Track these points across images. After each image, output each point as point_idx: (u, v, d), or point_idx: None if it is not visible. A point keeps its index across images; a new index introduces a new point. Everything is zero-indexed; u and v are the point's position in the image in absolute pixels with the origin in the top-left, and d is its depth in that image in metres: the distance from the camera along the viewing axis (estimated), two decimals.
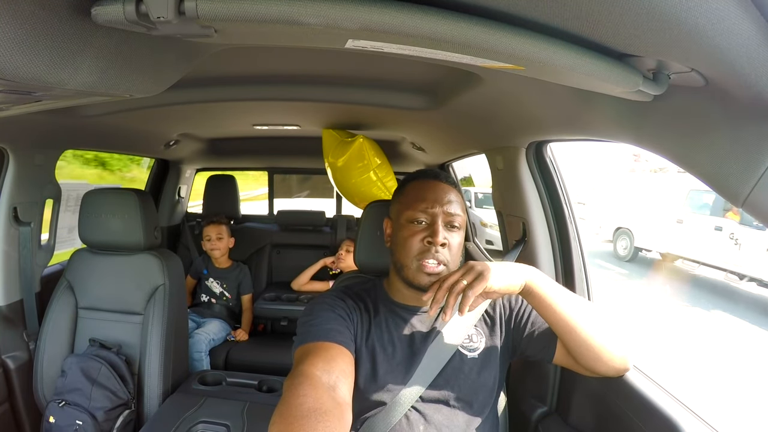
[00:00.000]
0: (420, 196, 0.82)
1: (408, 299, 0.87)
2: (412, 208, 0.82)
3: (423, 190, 0.83)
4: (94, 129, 1.50)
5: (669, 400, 0.79)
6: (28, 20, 0.41)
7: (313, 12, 0.41)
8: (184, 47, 0.66)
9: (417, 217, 0.81)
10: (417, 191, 0.84)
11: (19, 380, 1.39)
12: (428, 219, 0.81)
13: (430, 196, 0.82)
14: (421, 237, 0.80)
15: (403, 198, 0.86)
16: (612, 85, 0.53)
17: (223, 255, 2.26)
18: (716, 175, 0.54)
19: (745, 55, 0.40)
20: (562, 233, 1.14)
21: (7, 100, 0.61)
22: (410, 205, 0.82)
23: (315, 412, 0.57)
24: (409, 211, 0.82)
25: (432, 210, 0.80)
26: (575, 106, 0.81)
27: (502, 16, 0.45)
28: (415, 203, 0.82)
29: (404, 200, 0.85)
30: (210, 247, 2.23)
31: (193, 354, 1.90)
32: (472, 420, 0.82)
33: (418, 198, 0.82)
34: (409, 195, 0.85)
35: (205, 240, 2.25)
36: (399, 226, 0.84)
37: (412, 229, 0.81)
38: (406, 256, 0.81)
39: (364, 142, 1.73)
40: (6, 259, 1.40)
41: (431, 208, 0.80)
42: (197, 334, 1.99)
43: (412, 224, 0.81)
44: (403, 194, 0.87)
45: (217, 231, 2.23)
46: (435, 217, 0.80)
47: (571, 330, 0.76)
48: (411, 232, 0.81)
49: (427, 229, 0.80)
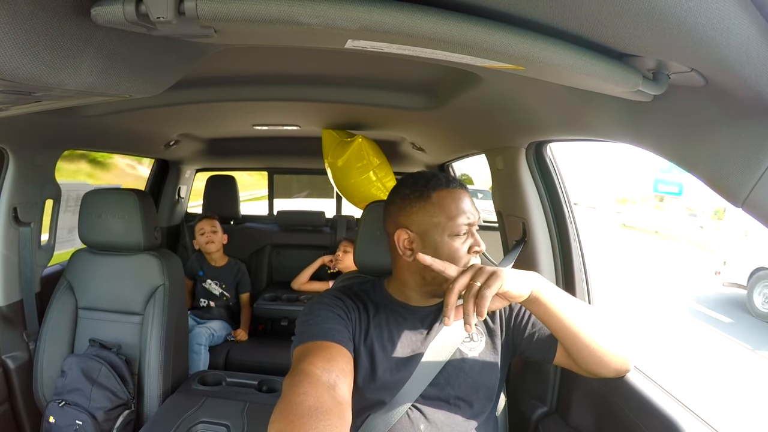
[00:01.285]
0: (460, 209, 0.81)
1: (412, 300, 0.87)
2: (457, 222, 0.79)
3: (458, 201, 0.81)
4: (94, 129, 1.50)
5: (669, 400, 0.79)
6: (28, 20, 0.41)
7: (312, 12, 0.41)
8: (184, 47, 0.66)
9: (462, 231, 0.80)
10: (454, 203, 0.81)
11: (19, 380, 1.39)
12: (467, 230, 0.81)
13: (466, 209, 0.81)
14: (467, 248, 0.80)
15: (437, 210, 0.81)
16: (612, 85, 0.53)
17: (218, 250, 2.22)
18: (716, 175, 0.54)
19: (745, 55, 0.40)
20: (562, 233, 1.14)
21: (7, 100, 0.61)
22: (453, 218, 0.80)
23: (315, 410, 0.57)
24: (454, 226, 0.79)
25: (471, 221, 0.81)
26: (575, 107, 0.81)
27: (502, 16, 0.45)
28: (458, 217, 0.80)
29: (440, 212, 0.80)
30: (206, 240, 2.18)
31: (192, 346, 1.88)
32: (473, 419, 0.82)
33: (460, 211, 0.80)
34: (448, 207, 0.80)
35: (199, 234, 2.20)
36: (439, 241, 0.80)
37: (458, 243, 0.80)
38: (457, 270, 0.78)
39: (363, 142, 1.73)
40: (6, 260, 1.40)
41: (471, 219, 0.81)
42: (198, 327, 2.00)
43: (458, 237, 0.80)
44: (434, 205, 0.81)
45: (211, 224, 2.21)
46: (472, 228, 0.81)
47: (573, 336, 0.75)
48: (458, 245, 0.80)
49: (469, 238, 0.81)
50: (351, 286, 0.92)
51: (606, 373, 0.79)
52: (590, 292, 1.11)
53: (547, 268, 1.15)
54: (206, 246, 2.19)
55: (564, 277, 1.14)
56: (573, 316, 0.74)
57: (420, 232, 0.81)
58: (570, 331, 0.75)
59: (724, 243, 5.64)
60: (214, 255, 2.23)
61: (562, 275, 1.14)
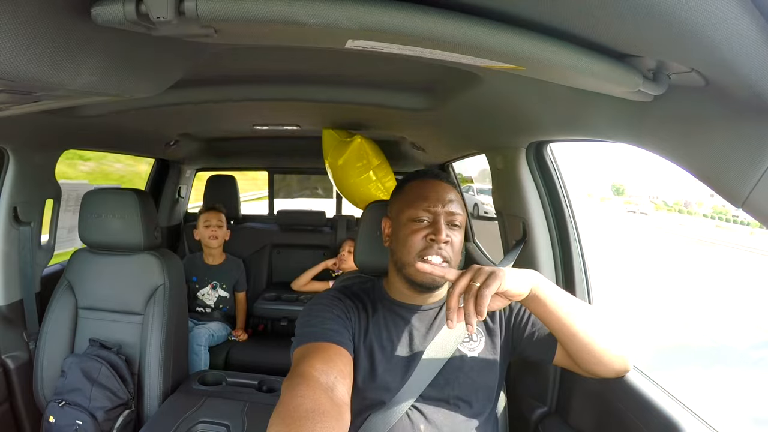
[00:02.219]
0: (422, 195, 0.82)
1: (408, 298, 0.87)
2: (414, 207, 0.81)
3: (424, 189, 0.83)
4: (94, 129, 1.50)
5: (669, 400, 0.79)
6: (29, 21, 0.41)
7: (313, 12, 0.41)
8: (184, 47, 0.66)
9: (419, 216, 0.81)
10: (418, 190, 0.84)
11: (19, 380, 1.39)
12: (430, 217, 0.81)
13: (432, 195, 0.82)
14: (424, 234, 0.80)
15: (403, 197, 0.86)
16: (612, 85, 0.53)
17: (219, 246, 2.16)
18: (716, 175, 0.54)
19: (745, 55, 0.39)
20: (562, 233, 1.14)
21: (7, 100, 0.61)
22: (412, 203, 0.82)
23: (313, 412, 0.57)
24: (411, 210, 0.82)
25: (434, 208, 0.81)
26: (575, 107, 0.81)
27: (502, 16, 0.45)
28: (417, 202, 0.82)
29: (405, 199, 0.85)
30: (210, 234, 2.10)
31: (193, 346, 1.86)
32: (473, 419, 0.82)
33: (420, 197, 0.82)
34: (410, 194, 0.85)
35: (204, 226, 2.11)
36: (400, 224, 0.84)
37: (414, 227, 0.81)
38: (408, 253, 0.80)
39: (363, 142, 1.73)
40: (6, 259, 1.40)
41: (433, 207, 0.81)
42: (197, 327, 1.97)
43: (414, 222, 0.81)
44: (404, 193, 0.86)
45: (218, 218, 2.15)
46: (437, 216, 0.80)
47: (572, 336, 0.75)
48: (413, 229, 0.81)
49: (430, 227, 0.80)
50: (350, 286, 0.92)
51: (605, 372, 0.79)
52: (590, 292, 1.11)
53: (547, 268, 1.15)
54: (209, 240, 2.12)
55: (564, 277, 1.14)
56: (572, 314, 0.74)
57: (393, 218, 0.87)
58: (569, 330, 0.75)
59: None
60: (214, 251, 2.16)
61: (562, 275, 1.14)
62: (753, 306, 6.91)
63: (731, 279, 8.49)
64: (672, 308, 6.46)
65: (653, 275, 7.75)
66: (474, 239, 2.25)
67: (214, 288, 2.15)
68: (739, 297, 7.28)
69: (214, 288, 2.15)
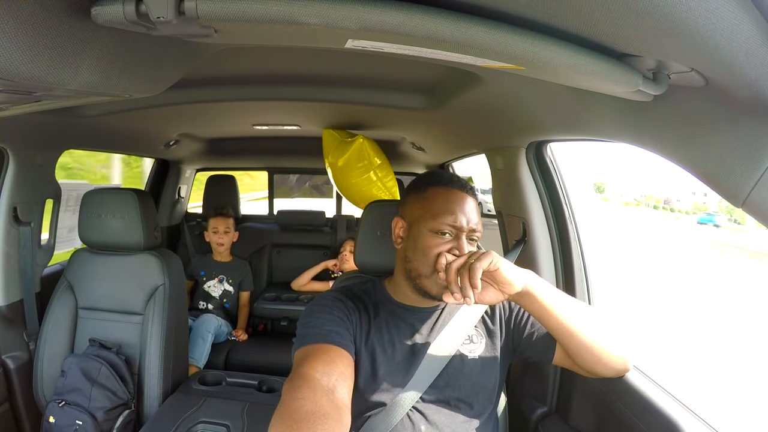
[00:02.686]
0: (448, 209, 0.79)
1: (410, 300, 0.86)
2: (439, 220, 0.78)
3: (451, 201, 0.80)
4: (94, 129, 1.50)
5: (669, 400, 0.79)
6: (28, 20, 0.41)
7: (313, 12, 0.41)
8: (184, 47, 0.66)
9: (443, 230, 0.78)
10: (444, 201, 0.80)
11: (19, 380, 1.39)
12: (453, 232, 0.79)
13: (458, 210, 0.79)
14: (445, 249, 0.77)
15: (426, 203, 0.81)
16: (612, 85, 0.53)
17: (226, 249, 2.25)
18: (716, 175, 0.54)
19: (745, 55, 0.39)
20: (562, 233, 1.14)
21: (7, 100, 0.61)
22: (437, 215, 0.79)
23: (314, 414, 0.57)
24: (435, 222, 0.78)
25: (459, 224, 0.78)
26: (575, 106, 0.81)
27: (502, 16, 0.45)
28: (443, 215, 0.78)
29: (428, 207, 0.81)
30: (217, 240, 2.21)
31: (201, 332, 1.91)
32: (473, 420, 0.82)
33: (447, 210, 0.79)
34: (434, 203, 0.80)
35: (212, 232, 2.22)
36: (419, 233, 0.80)
37: (436, 241, 0.78)
38: (427, 265, 0.78)
39: (364, 142, 1.73)
40: (6, 259, 1.40)
41: (459, 223, 0.78)
42: (206, 314, 2.03)
43: (437, 235, 0.78)
44: (426, 199, 0.82)
45: (225, 224, 2.23)
46: (461, 233, 0.78)
47: (570, 335, 0.75)
48: (434, 243, 0.78)
49: (452, 241, 0.78)
50: (351, 287, 0.92)
51: (605, 372, 0.79)
52: (590, 292, 1.11)
53: (547, 268, 1.15)
54: (216, 246, 2.23)
55: (564, 277, 1.14)
56: (568, 313, 0.74)
57: (410, 222, 0.84)
58: (566, 329, 0.75)
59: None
60: (223, 253, 2.26)
61: (562, 275, 1.14)
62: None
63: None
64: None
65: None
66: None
67: (221, 281, 2.23)
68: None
69: (220, 281, 2.23)
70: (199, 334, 1.91)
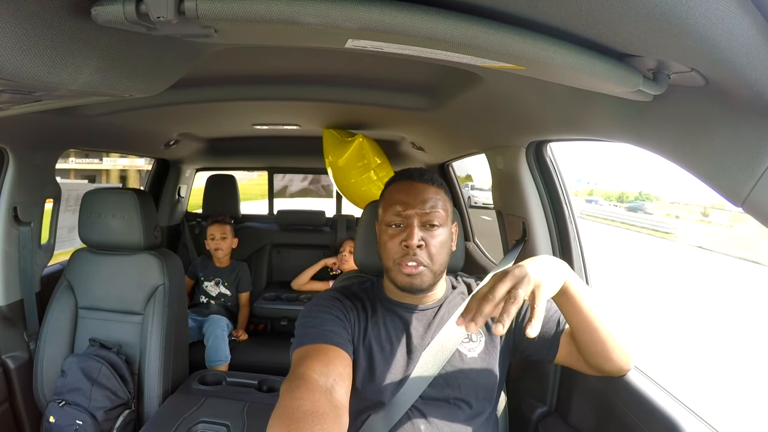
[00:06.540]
0: (395, 199, 0.83)
1: (403, 298, 0.87)
2: (389, 212, 0.83)
3: (398, 192, 0.84)
4: (94, 129, 1.50)
5: (669, 400, 0.79)
6: (29, 20, 0.41)
7: (313, 12, 0.41)
8: (184, 47, 0.66)
9: (393, 221, 0.82)
10: (393, 194, 0.85)
11: (19, 380, 1.39)
12: (404, 221, 0.81)
13: (403, 199, 0.82)
14: (399, 240, 0.81)
15: (381, 203, 0.87)
16: (612, 85, 0.53)
17: (225, 255, 2.26)
18: (716, 174, 0.54)
19: (745, 55, 0.40)
20: (562, 233, 1.14)
21: (7, 100, 0.61)
22: (387, 208, 0.84)
23: (312, 414, 0.57)
24: (387, 215, 0.83)
25: (405, 212, 0.81)
26: (575, 106, 0.81)
27: (502, 16, 0.45)
28: (391, 206, 0.83)
29: (383, 204, 0.86)
30: (214, 246, 2.23)
31: (217, 333, 1.94)
32: (473, 419, 0.82)
33: (394, 201, 0.83)
34: (387, 198, 0.86)
35: (209, 239, 2.25)
36: (380, 231, 0.87)
37: (390, 233, 0.82)
38: (388, 258, 0.83)
39: (364, 142, 1.73)
40: (6, 259, 1.40)
41: (404, 211, 0.81)
42: (212, 317, 2.06)
43: (390, 228, 0.82)
44: (383, 198, 0.88)
45: (222, 231, 2.24)
46: (409, 219, 0.81)
47: (593, 330, 0.74)
48: (389, 235, 0.82)
49: (404, 231, 0.81)
50: (350, 286, 0.92)
51: (611, 369, 0.79)
52: None
53: None
54: (215, 252, 2.26)
55: None
56: (596, 307, 0.73)
57: (378, 224, 0.89)
58: (591, 325, 0.73)
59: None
60: (222, 259, 2.28)
61: None
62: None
63: None
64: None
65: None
66: (474, 239, 2.25)
67: (217, 284, 2.27)
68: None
69: (217, 284, 2.27)
70: (216, 336, 1.94)
